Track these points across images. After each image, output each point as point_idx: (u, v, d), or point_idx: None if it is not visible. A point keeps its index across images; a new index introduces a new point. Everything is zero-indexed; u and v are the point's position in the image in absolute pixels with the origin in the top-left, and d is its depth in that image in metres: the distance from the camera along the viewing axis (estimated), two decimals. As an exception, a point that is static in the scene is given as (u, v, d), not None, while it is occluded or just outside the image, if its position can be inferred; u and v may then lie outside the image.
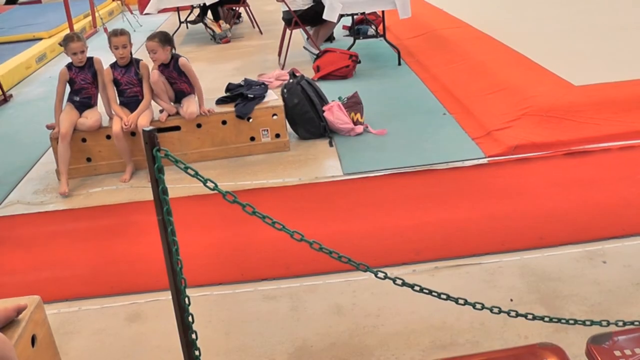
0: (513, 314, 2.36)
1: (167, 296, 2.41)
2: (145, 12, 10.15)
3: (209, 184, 2.06)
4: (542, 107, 5.43)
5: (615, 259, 3.55)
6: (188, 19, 10.85)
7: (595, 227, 3.88)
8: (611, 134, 5.02)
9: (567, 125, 5.17)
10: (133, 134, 5.18)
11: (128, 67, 5.22)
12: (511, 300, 3.25)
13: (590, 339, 2.15)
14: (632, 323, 2.35)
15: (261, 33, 10.24)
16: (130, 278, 3.80)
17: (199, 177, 2.04)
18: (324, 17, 7.43)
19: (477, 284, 3.43)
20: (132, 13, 12.14)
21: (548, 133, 5.09)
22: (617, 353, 2.06)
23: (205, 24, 10.20)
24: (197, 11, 10.67)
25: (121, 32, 5.16)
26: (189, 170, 2.03)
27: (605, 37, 7.39)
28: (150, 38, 5.18)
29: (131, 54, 5.28)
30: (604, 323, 2.35)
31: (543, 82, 6.02)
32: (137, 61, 5.25)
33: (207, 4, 9.70)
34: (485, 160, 4.85)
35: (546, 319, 2.38)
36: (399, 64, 7.65)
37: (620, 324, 2.35)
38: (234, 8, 10.67)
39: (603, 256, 3.58)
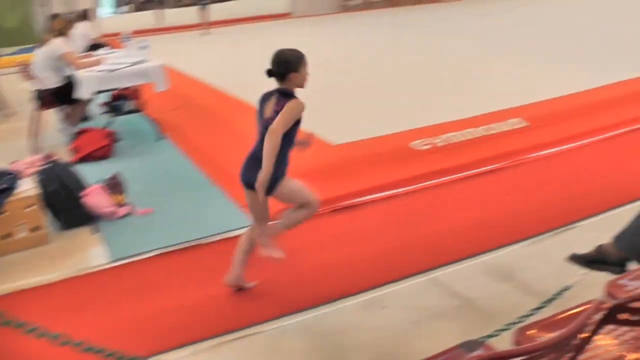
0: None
1: None
2: None
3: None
4: (305, 168, 5.57)
5: (393, 302, 3.71)
6: None
7: (372, 275, 4.03)
8: (374, 187, 5.31)
9: (331, 184, 5.35)
10: None
11: None
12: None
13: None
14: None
15: (10, 115, 9.56)
16: None
17: None
18: (76, 95, 7.11)
19: (260, 354, 3.37)
20: None
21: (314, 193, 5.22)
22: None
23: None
24: None
25: None
26: None
27: (356, 96, 7.87)
28: None
29: None
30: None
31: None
32: None
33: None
34: (253, 228, 4.84)
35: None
36: (159, 138, 7.51)
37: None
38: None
39: (382, 301, 3.72)
